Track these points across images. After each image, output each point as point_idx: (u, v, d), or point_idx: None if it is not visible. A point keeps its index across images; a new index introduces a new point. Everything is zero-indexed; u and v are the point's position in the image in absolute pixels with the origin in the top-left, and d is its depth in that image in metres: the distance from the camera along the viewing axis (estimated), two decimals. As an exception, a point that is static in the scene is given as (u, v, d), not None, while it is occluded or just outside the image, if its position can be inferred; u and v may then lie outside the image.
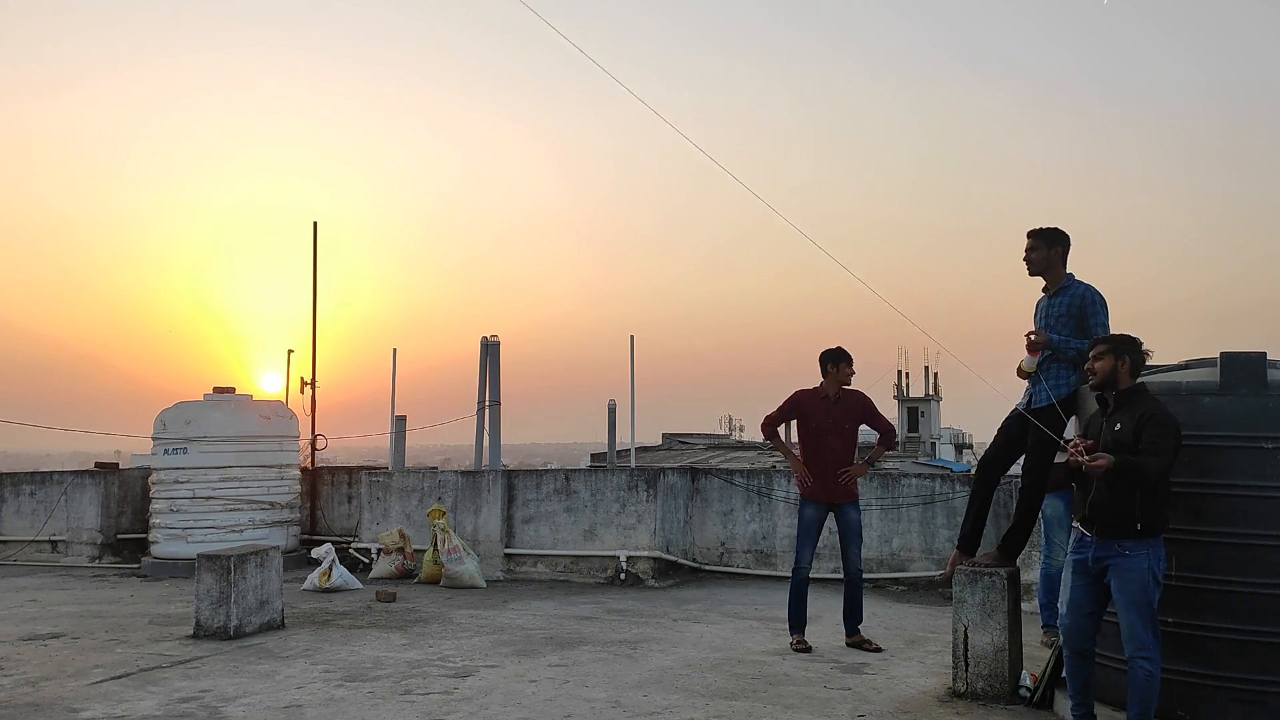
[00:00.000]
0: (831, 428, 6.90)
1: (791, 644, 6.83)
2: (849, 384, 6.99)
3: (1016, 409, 5.72)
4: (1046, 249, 5.65)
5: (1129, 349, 4.68)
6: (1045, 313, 5.64)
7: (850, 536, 6.90)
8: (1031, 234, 5.72)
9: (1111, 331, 5.44)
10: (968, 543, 5.90)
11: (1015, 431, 5.72)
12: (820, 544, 7.19)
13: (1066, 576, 4.75)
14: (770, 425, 7.01)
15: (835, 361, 6.94)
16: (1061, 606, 4.79)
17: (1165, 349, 5.11)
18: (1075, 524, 4.77)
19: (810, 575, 7.00)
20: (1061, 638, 4.78)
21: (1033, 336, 5.52)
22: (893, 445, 7.59)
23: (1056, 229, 5.68)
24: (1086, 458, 4.41)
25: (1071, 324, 5.49)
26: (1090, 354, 4.76)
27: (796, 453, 7.08)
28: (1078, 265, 5.67)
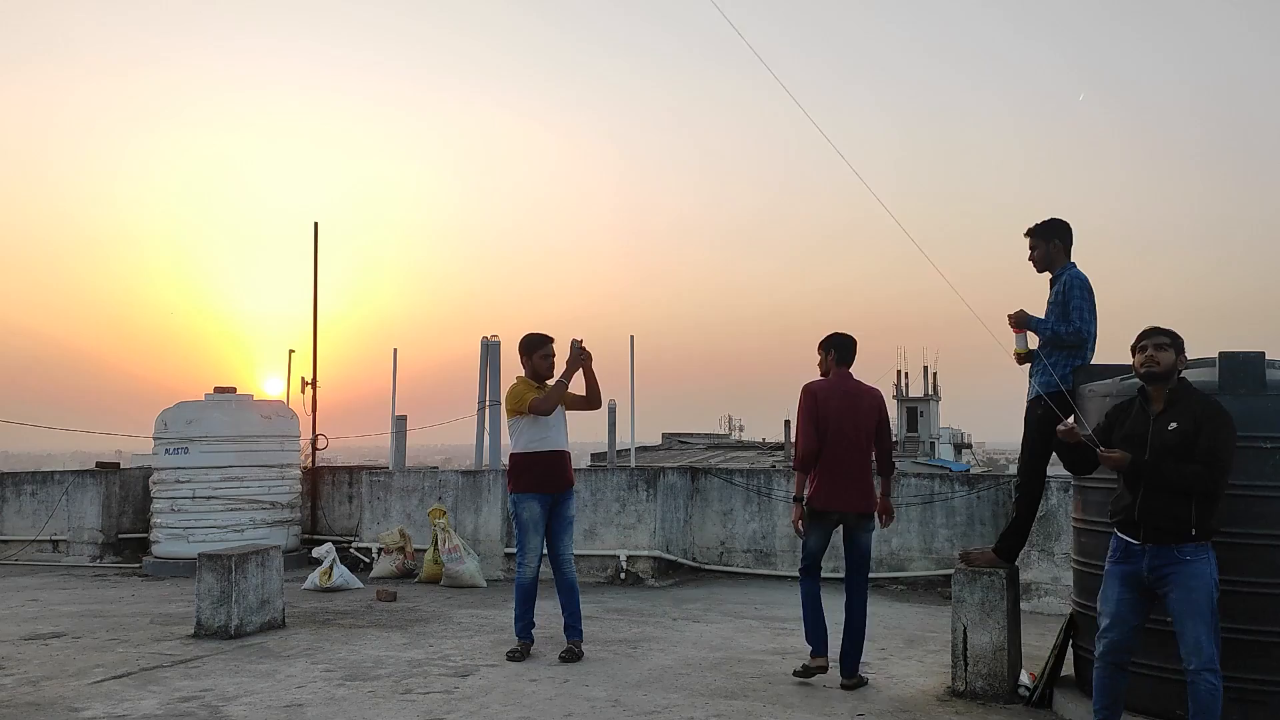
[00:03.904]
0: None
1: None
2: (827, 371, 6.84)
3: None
4: (1045, 244, 5.68)
5: (1183, 344, 4.40)
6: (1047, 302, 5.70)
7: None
8: (1028, 233, 5.74)
9: (1087, 313, 5.42)
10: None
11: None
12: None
13: (1112, 588, 4.40)
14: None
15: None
16: (1103, 619, 4.43)
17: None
18: (1116, 530, 4.42)
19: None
20: (1103, 651, 4.43)
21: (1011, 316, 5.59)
22: None
23: (1051, 221, 5.69)
24: (1103, 449, 4.24)
25: (1058, 309, 5.53)
26: (1150, 343, 4.36)
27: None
28: (1083, 263, 5.70)
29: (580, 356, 6.58)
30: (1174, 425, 4.27)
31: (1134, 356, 4.46)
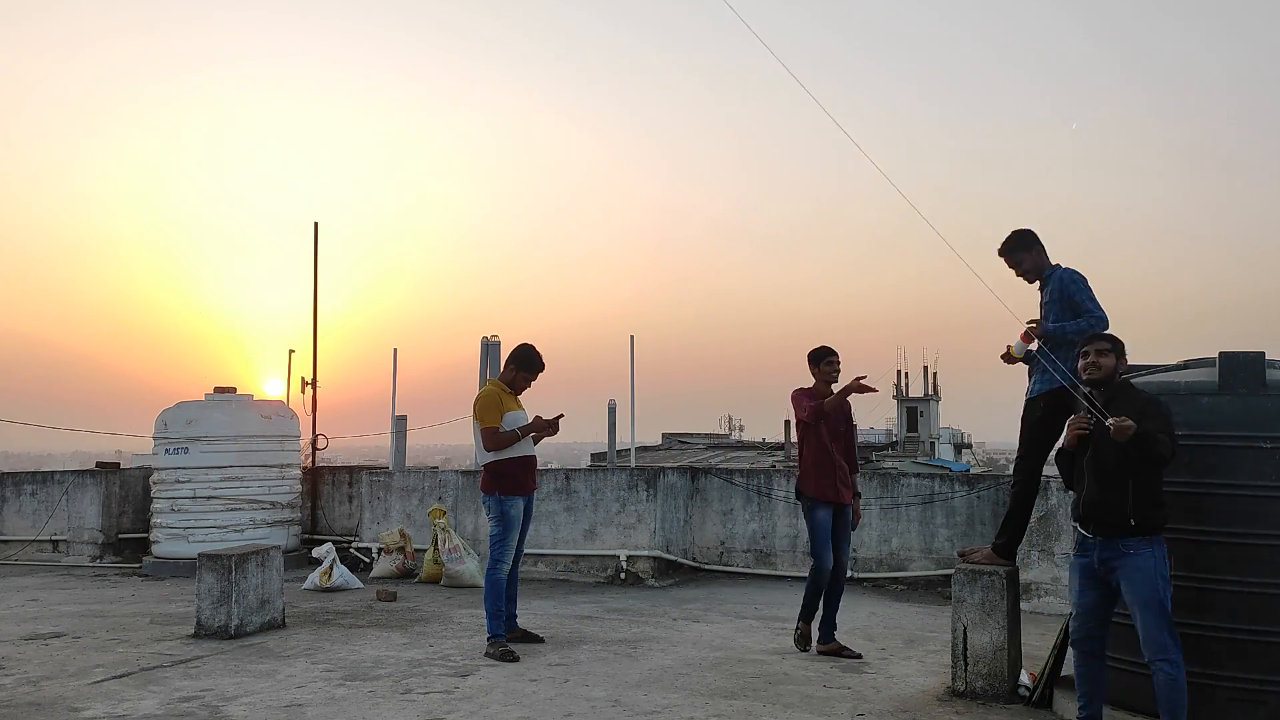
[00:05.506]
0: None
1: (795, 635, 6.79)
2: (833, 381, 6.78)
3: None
4: (1029, 254, 5.70)
5: (1123, 348, 4.72)
6: (1041, 305, 5.70)
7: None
8: (1004, 253, 5.74)
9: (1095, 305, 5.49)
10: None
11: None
12: (801, 541, 7.22)
13: (1073, 579, 4.67)
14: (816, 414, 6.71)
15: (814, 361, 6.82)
16: (1072, 609, 4.73)
17: (1164, 348, 5.14)
18: (1075, 524, 4.70)
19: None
20: (1075, 639, 4.67)
21: (1030, 325, 5.58)
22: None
23: (1019, 232, 5.74)
24: (1112, 420, 4.26)
25: (1059, 307, 5.55)
26: (1092, 349, 4.67)
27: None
28: (1085, 265, 5.72)
29: (548, 431, 6.87)
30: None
31: (1078, 362, 4.74)
